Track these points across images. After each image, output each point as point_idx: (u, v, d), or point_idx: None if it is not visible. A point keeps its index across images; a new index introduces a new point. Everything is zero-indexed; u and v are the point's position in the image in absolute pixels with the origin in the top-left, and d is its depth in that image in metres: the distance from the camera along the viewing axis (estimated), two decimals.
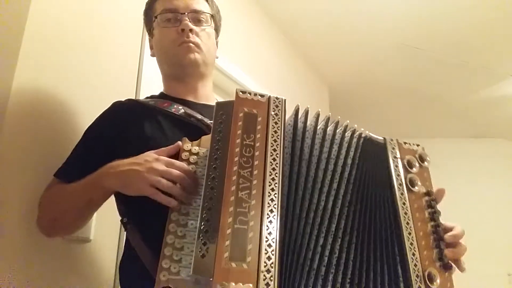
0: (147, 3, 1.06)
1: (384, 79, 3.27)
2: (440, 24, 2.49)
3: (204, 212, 0.62)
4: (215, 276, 0.56)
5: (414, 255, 0.71)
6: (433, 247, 0.73)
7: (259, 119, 0.70)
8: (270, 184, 0.64)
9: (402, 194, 0.77)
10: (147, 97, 1.02)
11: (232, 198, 0.62)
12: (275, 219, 0.62)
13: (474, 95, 3.45)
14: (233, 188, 0.62)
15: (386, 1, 2.32)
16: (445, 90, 3.38)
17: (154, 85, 1.39)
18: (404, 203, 0.76)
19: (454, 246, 0.76)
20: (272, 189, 0.64)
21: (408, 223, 0.74)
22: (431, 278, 0.70)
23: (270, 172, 0.65)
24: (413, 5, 2.34)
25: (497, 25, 2.47)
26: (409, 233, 0.73)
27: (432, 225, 0.75)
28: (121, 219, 0.88)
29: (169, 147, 0.76)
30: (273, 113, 0.71)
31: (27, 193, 0.93)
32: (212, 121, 0.71)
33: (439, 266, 0.71)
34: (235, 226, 0.60)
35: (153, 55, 1.06)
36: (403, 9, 2.37)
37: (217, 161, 0.66)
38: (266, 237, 0.60)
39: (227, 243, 0.58)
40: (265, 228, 0.61)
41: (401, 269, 0.71)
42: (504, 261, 3.77)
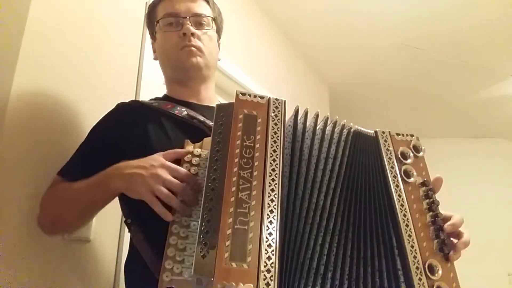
0: (149, 6, 1.06)
1: (384, 79, 3.27)
2: (440, 24, 2.49)
3: (205, 213, 0.62)
4: (215, 276, 0.56)
5: (413, 247, 0.70)
6: (433, 238, 0.72)
7: (259, 120, 0.71)
8: (270, 184, 0.65)
9: (397, 186, 0.76)
10: (151, 99, 1.03)
11: (233, 199, 0.62)
12: (275, 219, 0.62)
13: (474, 95, 3.45)
14: (233, 189, 0.63)
15: (386, 1, 2.32)
16: (445, 90, 3.38)
17: (154, 85, 1.39)
18: (400, 195, 0.75)
19: (456, 234, 0.76)
20: (272, 190, 0.65)
21: (405, 215, 0.73)
22: (432, 269, 0.69)
23: (270, 173, 0.66)
24: (413, 5, 2.34)
25: (497, 25, 2.47)
26: (407, 225, 0.72)
27: (430, 216, 0.74)
28: (125, 220, 0.89)
29: (177, 151, 0.76)
30: (272, 114, 0.72)
31: (27, 193, 0.93)
32: (213, 123, 0.72)
33: (440, 257, 0.70)
34: (235, 226, 0.60)
35: (156, 58, 1.06)
36: (403, 9, 2.37)
37: (218, 162, 0.66)
38: (266, 237, 0.60)
39: (228, 243, 0.58)
40: (265, 228, 0.61)
41: (400, 261, 0.70)
42: (504, 261, 3.77)
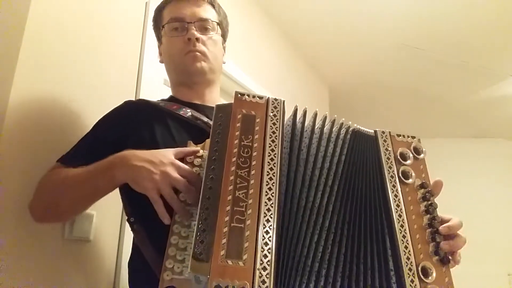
0: (155, 10, 1.08)
1: (384, 79, 3.27)
2: (440, 24, 2.49)
3: (202, 212, 0.63)
4: (211, 273, 0.56)
5: (407, 248, 0.69)
6: (429, 241, 0.71)
7: (257, 120, 0.71)
8: (267, 183, 0.65)
9: (394, 186, 0.75)
10: (158, 101, 1.04)
11: (230, 198, 0.62)
12: (272, 218, 0.62)
13: (474, 95, 3.45)
14: (231, 188, 0.63)
15: (386, 1, 2.32)
16: (445, 90, 3.38)
17: (154, 85, 1.39)
18: (396, 195, 0.74)
19: (451, 238, 0.75)
20: (270, 188, 0.65)
21: (400, 216, 0.72)
22: (426, 272, 0.68)
23: (268, 172, 0.66)
24: (413, 5, 2.34)
25: (497, 25, 2.47)
26: (402, 225, 0.71)
27: (428, 218, 0.73)
28: (127, 218, 0.89)
29: (186, 149, 0.77)
30: (271, 114, 0.72)
31: (27, 193, 0.93)
32: (212, 123, 0.72)
33: (435, 260, 0.69)
34: (232, 224, 0.60)
35: (161, 61, 1.08)
36: (403, 9, 2.37)
37: (216, 161, 0.67)
38: (263, 236, 0.61)
39: (224, 241, 0.59)
40: (262, 226, 0.61)
41: (392, 262, 0.70)
42: (504, 261, 3.77)
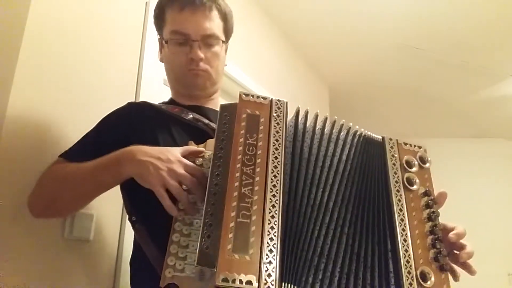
0: (158, 7, 1.02)
1: (384, 79, 3.28)
2: (440, 24, 2.49)
3: (208, 207, 0.64)
4: (218, 266, 0.57)
5: (407, 251, 0.71)
6: (429, 247, 0.73)
7: (262, 120, 0.73)
8: (272, 181, 0.67)
9: (398, 191, 0.77)
10: (159, 103, 1.04)
11: (235, 194, 0.64)
12: (276, 214, 0.64)
13: (474, 95, 3.45)
14: (236, 184, 0.65)
15: (386, 1, 2.32)
16: (445, 90, 3.38)
17: (154, 85, 1.39)
18: (400, 200, 0.76)
19: (459, 246, 0.77)
20: (274, 186, 0.66)
21: (402, 220, 0.74)
22: (424, 276, 0.69)
23: (272, 169, 0.68)
24: (413, 5, 2.34)
25: (497, 25, 2.47)
26: (403, 229, 0.73)
27: (429, 225, 0.75)
28: (128, 217, 0.89)
29: (193, 148, 0.78)
30: (275, 114, 0.74)
31: (27, 193, 0.93)
32: (217, 122, 0.74)
33: (435, 266, 0.71)
34: (238, 220, 0.62)
35: (161, 60, 1.06)
36: (403, 9, 2.37)
37: (221, 159, 0.69)
38: (268, 231, 0.62)
39: (230, 235, 0.60)
40: (267, 222, 0.63)
41: (392, 264, 0.71)
42: (504, 261, 3.77)
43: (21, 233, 0.92)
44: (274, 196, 0.65)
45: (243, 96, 0.74)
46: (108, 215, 1.14)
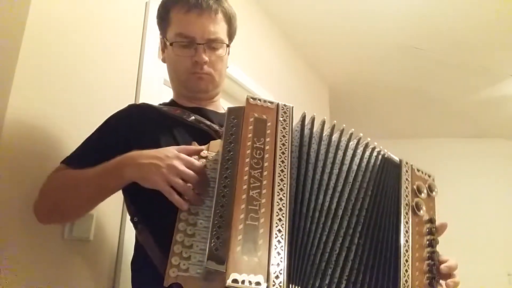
0: (162, 6, 1.01)
1: (384, 79, 3.27)
2: (440, 24, 2.49)
3: (217, 209, 0.65)
4: (229, 267, 0.59)
5: (407, 272, 0.75)
6: (425, 271, 0.77)
7: (269, 124, 0.74)
8: (279, 184, 0.68)
9: (407, 213, 0.81)
10: (160, 104, 1.05)
11: (244, 196, 0.65)
12: (284, 217, 0.65)
13: (474, 95, 3.45)
14: (245, 187, 0.66)
15: (386, 1, 2.32)
16: (445, 90, 3.38)
17: (154, 85, 1.39)
18: (407, 222, 0.80)
19: (449, 277, 0.80)
20: (281, 189, 0.68)
21: (407, 241, 0.78)
22: None
23: (279, 173, 0.69)
24: (413, 5, 2.34)
25: (497, 25, 2.47)
26: (406, 250, 0.77)
27: (428, 251, 0.79)
28: (130, 218, 0.90)
29: (190, 147, 0.78)
30: (281, 119, 0.75)
31: (26, 193, 0.93)
32: (224, 125, 0.74)
33: None
34: (246, 222, 0.63)
35: (163, 61, 1.05)
36: (403, 9, 2.37)
37: (229, 161, 0.69)
38: (276, 234, 0.64)
39: (240, 237, 0.61)
40: (275, 225, 0.64)
41: (392, 280, 0.74)
42: (504, 261, 3.77)
43: (21, 233, 0.92)
44: (281, 199, 0.67)
45: (251, 100, 0.76)
46: (108, 215, 1.14)
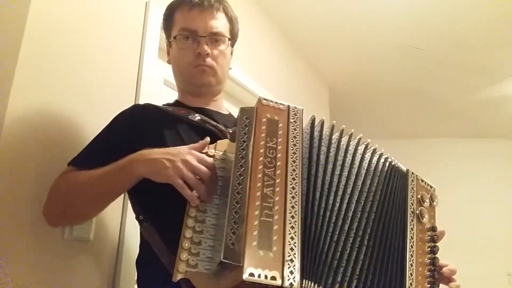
0: (167, 8, 1.07)
1: (384, 79, 3.28)
2: (440, 24, 2.49)
3: (233, 205, 0.67)
4: (246, 262, 0.60)
5: (412, 275, 0.80)
6: (427, 276, 0.82)
7: (280, 125, 0.76)
8: (291, 183, 0.70)
9: (412, 220, 0.86)
10: (164, 104, 1.06)
11: (258, 194, 0.67)
12: (296, 214, 0.68)
13: (474, 95, 3.45)
14: (259, 185, 0.68)
15: (386, 1, 2.32)
16: (445, 90, 3.38)
17: (154, 85, 1.39)
18: (412, 229, 0.85)
19: (450, 280, 0.86)
20: (293, 188, 0.70)
21: (412, 246, 0.83)
22: None
23: (291, 172, 0.71)
24: (413, 5, 2.34)
25: (497, 25, 2.47)
26: (411, 255, 0.82)
27: (429, 257, 0.85)
28: (136, 216, 0.90)
29: (199, 144, 0.80)
30: (292, 120, 0.78)
31: (26, 193, 0.93)
32: (237, 124, 0.76)
33: None
34: (261, 218, 0.65)
35: (169, 62, 1.09)
36: (403, 9, 2.37)
37: (243, 160, 0.71)
38: (289, 230, 0.66)
39: (255, 233, 0.63)
40: (288, 222, 0.66)
41: (399, 282, 0.79)
42: (504, 261, 3.77)
43: (21, 233, 0.92)
44: (293, 197, 0.69)
45: (263, 101, 0.78)
46: (108, 215, 1.14)
